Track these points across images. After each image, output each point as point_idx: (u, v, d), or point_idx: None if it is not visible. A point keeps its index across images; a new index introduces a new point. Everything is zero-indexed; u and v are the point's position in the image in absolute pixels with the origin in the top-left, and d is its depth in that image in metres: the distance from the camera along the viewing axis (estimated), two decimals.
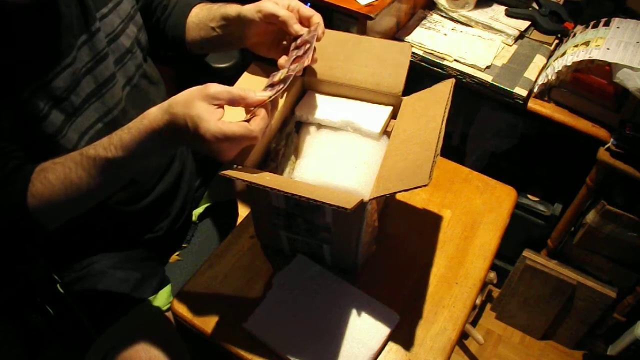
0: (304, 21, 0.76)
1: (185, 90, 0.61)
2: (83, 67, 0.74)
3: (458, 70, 1.21)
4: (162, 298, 0.90)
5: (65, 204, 0.66)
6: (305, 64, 0.69)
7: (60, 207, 0.67)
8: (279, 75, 0.69)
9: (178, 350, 0.85)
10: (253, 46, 0.83)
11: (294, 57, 0.72)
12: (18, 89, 0.65)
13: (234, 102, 0.62)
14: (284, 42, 0.81)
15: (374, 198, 0.64)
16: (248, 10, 0.78)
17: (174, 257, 1.03)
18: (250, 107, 0.64)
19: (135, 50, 0.84)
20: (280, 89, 0.65)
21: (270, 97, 0.64)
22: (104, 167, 0.64)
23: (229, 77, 1.13)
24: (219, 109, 0.60)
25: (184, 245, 1.05)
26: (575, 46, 1.11)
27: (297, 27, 0.74)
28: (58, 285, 0.87)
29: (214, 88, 0.60)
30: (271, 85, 0.68)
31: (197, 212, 1.08)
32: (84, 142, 0.76)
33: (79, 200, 0.67)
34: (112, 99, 0.79)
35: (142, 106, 0.86)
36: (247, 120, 0.62)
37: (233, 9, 0.81)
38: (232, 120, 0.60)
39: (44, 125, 0.69)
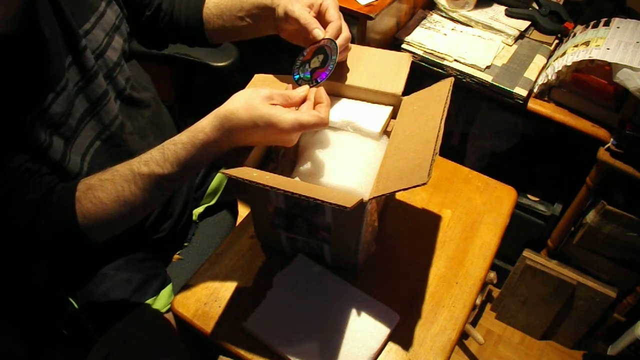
0: (325, 25, 0.75)
1: (234, 99, 0.65)
2: (74, 87, 0.72)
3: (458, 70, 1.21)
4: (163, 299, 0.90)
5: (118, 221, 0.67)
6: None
7: (113, 224, 0.68)
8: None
9: (178, 351, 0.85)
10: (286, 36, 0.81)
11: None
12: (20, 121, 0.64)
13: (285, 104, 0.66)
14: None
15: (373, 198, 0.64)
16: (280, 7, 0.77)
17: (176, 256, 1.03)
18: (296, 104, 0.68)
19: (122, 63, 0.83)
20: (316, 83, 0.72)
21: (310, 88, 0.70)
22: (160, 184, 0.65)
23: (226, 76, 1.12)
24: (278, 105, 0.65)
25: (185, 244, 1.05)
26: (575, 46, 1.11)
27: (316, 33, 0.73)
28: (62, 289, 0.87)
29: (266, 91, 0.65)
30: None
31: (197, 211, 1.08)
32: (87, 163, 0.75)
33: (131, 215, 0.68)
34: (107, 115, 0.78)
35: (137, 117, 0.86)
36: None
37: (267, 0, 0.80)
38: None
39: (49, 154, 0.69)
